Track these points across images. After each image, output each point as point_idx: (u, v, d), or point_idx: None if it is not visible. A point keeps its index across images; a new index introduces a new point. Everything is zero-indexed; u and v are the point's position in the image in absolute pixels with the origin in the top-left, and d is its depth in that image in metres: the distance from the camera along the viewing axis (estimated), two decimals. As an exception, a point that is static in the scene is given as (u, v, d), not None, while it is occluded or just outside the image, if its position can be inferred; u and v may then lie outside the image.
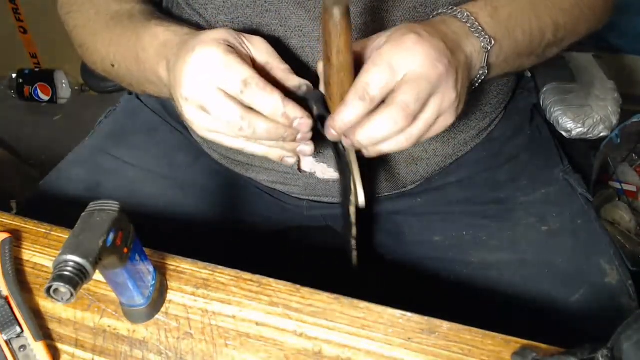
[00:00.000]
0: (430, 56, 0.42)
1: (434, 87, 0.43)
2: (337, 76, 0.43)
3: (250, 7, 0.53)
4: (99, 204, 0.38)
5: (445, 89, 0.44)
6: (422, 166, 0.62)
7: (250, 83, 0.43)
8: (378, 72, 0.42)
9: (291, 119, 0.44)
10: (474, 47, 0.48)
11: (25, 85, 1.87)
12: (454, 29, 0.48)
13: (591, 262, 0.59)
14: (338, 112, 0.44)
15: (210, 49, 0.44)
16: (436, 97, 0.44)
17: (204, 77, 0.44)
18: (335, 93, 0.45)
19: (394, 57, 0.42)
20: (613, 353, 0.34)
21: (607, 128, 0.75)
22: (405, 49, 0.42)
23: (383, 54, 0.43)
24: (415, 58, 0.42)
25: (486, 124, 0.66)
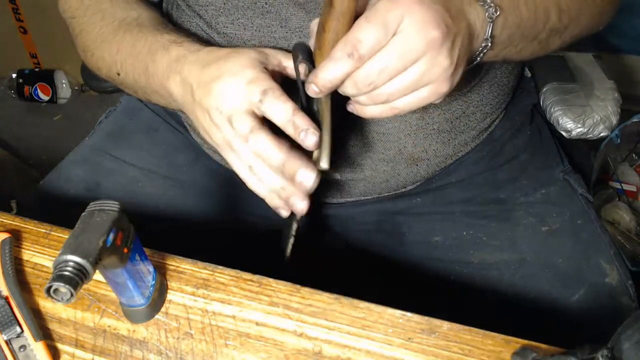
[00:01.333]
0: (425, 19, 0.40)
1: (422, 51, 0.41)
2: (336, 22, 0.41)
3: (250, 8, 0.53)
4: (99, 204, 0.38)
5: (438, 55, 0.42)
6: (422, 167, 0.62)
7: (267, 92, 0.44)
8: (370, 29, 0.40)
9: (299, 128, 0.44)
10: (478, 16, 0.46)
11: (25, 85, 1.87)
12: None
13: (591, 262, 0.59)
14: (322, 67, 0.42)
15: (246, 71, 0.45)
16: (423, 62, 0.41)
17: (238, 94, 0.45)
18: (327, 41, 0.42)
19: (388, 15, 0.40)
20: (613, 353, 0.34)
21: (607, 128, 0.75)
22: (402, 8, 0.40)
23: (378, 11, 0.40)
24: (410, 18, 0.40)
25: (486, 124, 0.66)
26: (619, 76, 0.84)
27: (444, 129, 0.60)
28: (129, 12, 0.59)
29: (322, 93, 0.44)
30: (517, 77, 0.71)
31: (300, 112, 0.45)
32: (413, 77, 0.42)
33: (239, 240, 0.66)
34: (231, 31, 0.56)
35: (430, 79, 0.43)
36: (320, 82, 0.43)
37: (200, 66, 0.48)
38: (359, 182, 0.62)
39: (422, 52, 0.41)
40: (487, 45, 0.48)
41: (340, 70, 0.41)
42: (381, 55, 0.41)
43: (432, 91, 0.44)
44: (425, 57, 0.41)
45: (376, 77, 0.42)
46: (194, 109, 0.49)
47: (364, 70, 0.42)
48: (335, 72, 0.42)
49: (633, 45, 1.47)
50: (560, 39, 0.56)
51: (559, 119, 0.75)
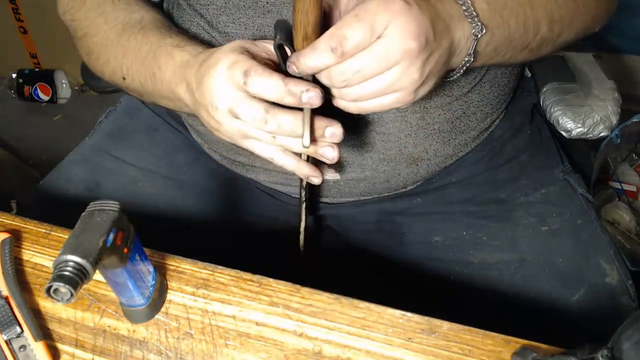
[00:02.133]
0: (407, 29, 0.41)
1: (398, 60, 0.42)
2: (302, 4, 0.41)
3: (251, 7, 0.53)
4: (99, 204, 0.38)
5: (410, 66, 0.42)
6: (422, 167, 0.62)
7: (249, 72, 0.44)
8: (358, 29, 0.41)
9: (297, 93, 0.43)
10: (464, 33, 0.47)
11: (25, 85, 1.87)
12: (447, 9, 0.46)
13: (591, 262, 0.59)
14: (304, 54, 0.42)
15: (227, 56, 0.45)
16: (396, 69, 0.42)
17: (226, 83, 0.45)
18: (299, 22, 0.43)
19: (377, 18, 0.41)
20: (613, 353, 0.34)
21: (607, 128, 0.75)
22: (390, 14, 0.41)
23: (369, 11, 0.41)
24: (395, 25, 0.41)
25: (487, 124, 0.66)
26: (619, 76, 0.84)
27: (444, 129, 0.61)
28: (131, 14, 0.59)
29: (302, 75, 0.44)
30: (518, 77, 0.71)
31: (291, 77, 0.44)
32: (384, 83, 0.43)
33: (239, 240, 0.66)
34: (232, 30, 0.56)
35: (398, 88, 0.44)
36: (301, 66, 0.43)
37: (197, 68, 0.48)
38: (359, 182, 0.62)
39: (397, 60, 0.42)
40: (470, 60, 0.50)
41: (321, 61, 0.42)
42: (361, 56, 0.42)
43: (397, 99, 0.45)
44: (399, 66, 0.42)
45: (351, 77, 0.43)
46: (199, 112, 0.49)
47: (342, 67, 0.42)
48: (316, 61, 0.42)
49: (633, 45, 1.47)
50: (552, 46, 0.57)
51: (559, 118, 0.75)
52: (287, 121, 0.45)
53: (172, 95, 0.53)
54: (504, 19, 0.50)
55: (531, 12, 0.52)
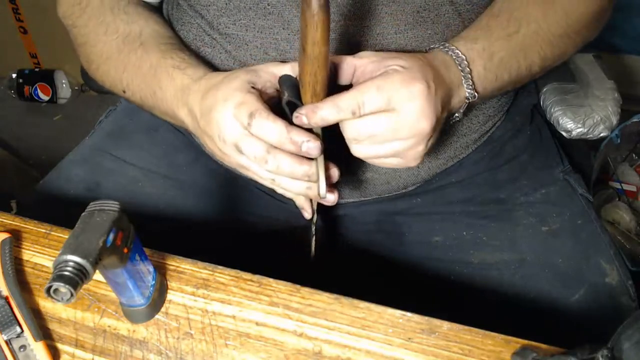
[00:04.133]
0: (424, 111, 0.44)
1: (409, 136, 0.45)
2: (310, 66, 0.44)
3: (252, 9, 0.53)
4: (99, 204, 0.38)
5: (419, 144, 0.46)
6: (423, 168, 0.62)
7: (254, 114, 0.46)
8: (378, 99, 0.44)
9: (298, 142, 0.45)
10: (459, 98, 0.51)
11: (25, 85, 1.87)
12: (452, 77, 0.50)
13: (591, 262, 0.59)
14: (321, 108, 0.45)
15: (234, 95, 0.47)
16: (405, 143, 0.46)
17: (233, 120, 0.47)
18: (306, 81, 0.45)
19: (396, 95, 0.44)
20: (613, 353, 0.34)
21: (607, 128, 0.75)
22: (409, 94, 0.44)
23: (391, 86, 0.44)
24: (413, 104, 0.44)
25: (488, 126, 0.66)
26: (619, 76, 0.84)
27: (446, 132, 0.61)
28: (131, 26, 0.59)
29: (310, 126, 0.46)
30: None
31: (294, 126, 0.46)
32: (391, 150, 0.46)
33: (239, 240, 0.66)
34: (233, 32, 0.56)
35: (403, 156, 0.47)
36: (315, 118, 0.45)
37: (201, 95, 0.50)
38: (360, 184, 0.62)
39: (408, 136, 0.45)
40: (459, 117, 0.54)
41: (338, 117, 0.45)
42: (376, 122, 0.45)
43: (400, 163, 0.48)
44: (409, 141, 0.46)
45: (363, 138, 0.46)
46: (203, 137, 0.51)
47: (356, 125, 0.45)
48: (333, 117, 0.45)
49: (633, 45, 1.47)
50: (542, 73, 0.59)
51: (559, 119, 0.75)
52: (286, 163, 0.46)
53: (173, 115, 0.55)
54: (498, 77, 0.54)
55: (524, 61, 0.55)
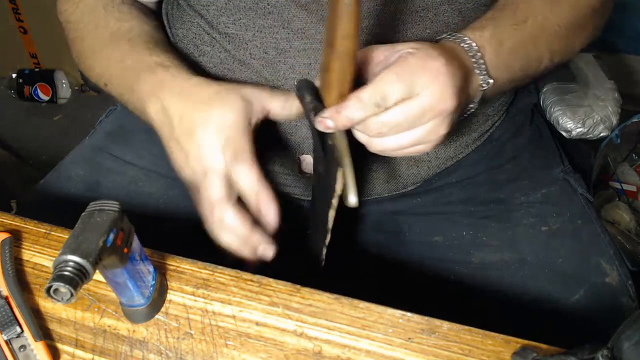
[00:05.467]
0: (446, 90, 0.43)
1: (431, 118, 0.44)
2: (338, 63, 0.41)
3: (252, 9, 0.53)
4: (99, 204, 0.38)
5: (440, 125, 0.45)
6: (423, 168, 0.62)
7: (238, 157, 0.47)
8: (400, 87, 0.42)
9: (261, 202, 0.47)
10: (474, 85, 0.49)
11: (25, 85, 1.87)
12: (466, 63, 0.48)
13: (591, 262, 0.59)
14: (346, 107, 0.43)
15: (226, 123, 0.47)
16: (427, 126, 0.45)
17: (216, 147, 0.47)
18: (333, 80, 0.43)
19: (417, 78, 0.42)
20: (613, 353, 0.34)
21: (607, 128, 0.76)
22: (429, 75, 0.43)
23: (410, 70, 0.43)
24: (434, 86, 0.43)
25: (488, 126, 0.66)
26: (619, 76, 0.84)
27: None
28: (122, 23, 0.58)
29: (336, 129, 0.44)
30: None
31: (264, 187, 0.48)
32: (414, 138, 0.45)
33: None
34: (233, 31, 0.56)
35: (425, 141, 0.46)
36: (341, 119, 0.43)
37: (184, 100, 0.49)
38: (359, 183, 0.62)
39: (431, 118, 0.44)
40: (474, 107, 0.52)
41: (363, 113, 0.43)
42: (399, 112, 0.43)
43: (419, 150, 0.47)
44: (430, 124, 0.44)
45: (387, 130, 0.44)
46: (169, 142, 0.51)
47: (380, 119, 0.44)
48: (358, 113, 0.43)
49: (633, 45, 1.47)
50: (551, 68, 0.58)
51: (559, 119, 0.75)
52: (228, 218, 0.48)
53: (142, 110, 0.53)
54: (509, 65, 0.52)
55: (534, 51, 0.53)
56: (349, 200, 0.43)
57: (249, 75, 0.57)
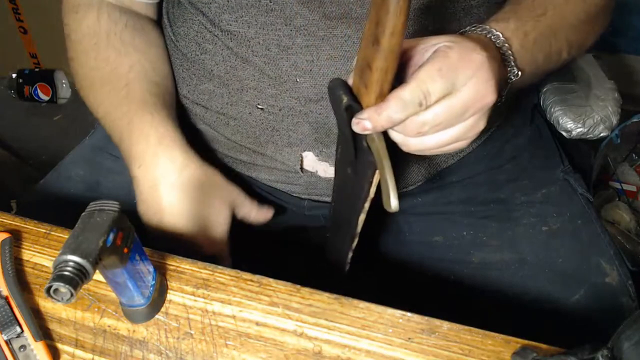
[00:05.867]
0: (487, 85, 0.42)
1: (472, 114, 0.42)
2: (383, 61, 0.39)
3: (254, 6, 0.53)
4: (99, 204, 0.38)
5: (480, 119, 0.43)
6: (424, 167, 0.62)
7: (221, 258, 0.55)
8: (443, 83, 0.40)
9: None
10: (502, 78, 0.47)
11: (25, 85, 1.87)
12: (495, 55, 0.46)
13: (591, 262, 0.59)
14: (386, 107, 0.40)
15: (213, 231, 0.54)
16: (468, 122, 0.43)
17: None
18: (375, 79, 0.40)
19: (459, 74, 0.40)
20: (613, 353, 0.34)
21: (607, 128, 0.75)
22: (471, 69, 0.41)
23: (451, 66, 0.40)
24: (476, 81, 0.41)
25: (489, 125, 0.66)
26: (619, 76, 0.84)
27: None
28: (122, 59, 0.58)
29: (374, 131, 0.42)
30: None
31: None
32: (454, 135, 0.43)
33: (239, 240, 0.66)
34: (235, 29, 0.55)
35: (464, 138, 0.44)
36: (381, 120, 0.40)
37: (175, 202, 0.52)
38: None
39: (473, 114, 0.42)
40: (501, 100, 0.49)
41: (405, 113, 0.40)
42: (442, 110, 0.41)
43: (456, 147, 0.45)
44: (471, 119, 0.43)
45: (428, 129, 0.42)
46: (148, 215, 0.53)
47: (421, 119, 0.41)
48: (400, 113, 0.40)
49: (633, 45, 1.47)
50: (567, 62, 0.58)
51: (559, 118, 0.75)
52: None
53: (127, 162, 0.55)
54: (534, 57, 0.51)
55: (555, 43, 0.53)
56: (391, 204, 0.41)
57: (251, 72, 0.57)
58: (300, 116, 0.57)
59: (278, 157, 0.60)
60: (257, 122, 0.58)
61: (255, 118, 0.58)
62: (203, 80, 0.60)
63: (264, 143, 0.60)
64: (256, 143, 0.60)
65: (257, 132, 0.59)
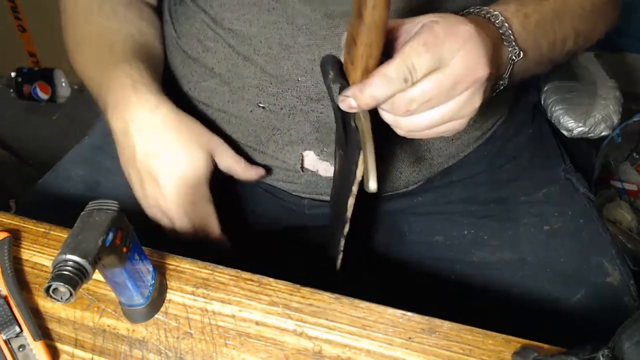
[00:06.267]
0: (478, 57, 0.40)
1: (465, 88, 0.40)
2: (367, 35, 0.38)
3: (256, 4, 0.53)
4: (98, 203, 0.38)
5: (474, 95, 0.41)
6: (424, 166, 0.62)
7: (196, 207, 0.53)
8: (429, 57, 0.38)
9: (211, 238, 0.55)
10: (503, 57, 0.46)
11: (24, 84, 1.86)
12: (494, 32, 0.45)
13: (593, 262, 0.58)
14: (370, 84, 0.39)
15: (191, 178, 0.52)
16: (461, 98, 0.41)
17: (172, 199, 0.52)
18: (359, 54, 0.39)
19: (445, 47, 0.39)
20: (614, 353, 0.34)
21: (608, 127, 0.75)
22: (458, 41, 0.39)
23: (437, 39, 0.38)
24: (464, 53, 0.39)
25: (490, 125, 0.66)
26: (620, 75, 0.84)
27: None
28: (111, 23, 0.60)
29: (359, 109, 0.41)
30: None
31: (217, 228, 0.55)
32: (447, 112, 0.41)
33: (239, 239, 0.66)
34: (237, 27, 0.55)
35: (458, 116, 0.42)
36: (365, 98, 0.39)
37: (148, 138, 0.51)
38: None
39: (464, 89, 0.40)
40: (504, 84, 0.49)
41: (390, 90, 0.39)
42: (430, 84, 0.39)
43: (452, 127, 0.43)
44: (464, 95, 0.41)
45: (417, 106, 0.40)
46: (127, 167, 0.54)
47: (408, 95, 0.40)
48: (384, 90, 0.39)
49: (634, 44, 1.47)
50: (573, 55, 0.57)
51: (560, 118, 0.75)
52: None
53: (106, 117, 0.55)
54: (537, 40, 0.50)
55: (559, 29, 0.52)
56: (369, 185, 0.40)
57: (252, 70, 0.56)
58: (301, 115, 0.56)
59: (279, 155, 0.60)
60: (258, 120, 0.58)
61: (256, 116, 0.58)
62: (204, 77, 0.60)
63: (265, 142, 0.59)
64: (257, 141, 0.60)
65: (258, 130, 0.59)
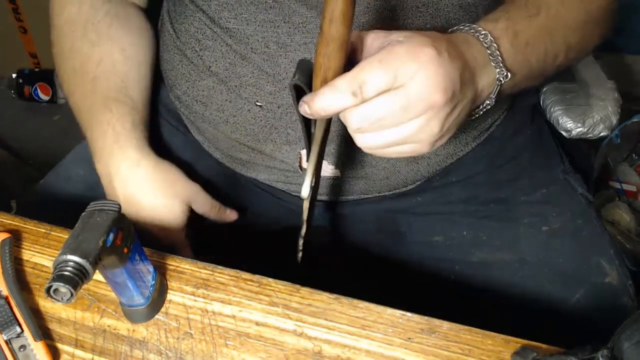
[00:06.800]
0: (434, 81, 0.39)
1: (420, 113, 0.40)
2: (325, 48, 0.38)
3: (254, 3, 0.54)
4: (99, 203, 0.38)
5: (431, 121, 0.40)
6: (422, 165, 0.62)
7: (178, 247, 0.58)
8: (381, 75, 0.38)
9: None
10: (489, 79, 0.46)
11: (25, 85, 1.86)
12: (474, 54, 0.45)
13: (591, 262, 0.59)
14: (320, 94, 0.39)
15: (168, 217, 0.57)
16: (416, 122, 0.40)
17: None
18: (319, 65, 0.40)
19: (403, 67, 0.38)
20: (613, 353, 0.34)
21: (607, 128, 0.75)
22: (417, 63, 0.38)
23: (395, 58, 0.38)
24: (422, 75, 0.39)
25: (488, 124, 0.66)
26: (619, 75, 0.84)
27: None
28: (94, 49, 0.61)
29: (313, 117, 0.41)
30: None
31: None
32: (401, 135, 0.41)
33: (239, 240, 0.66)
34: (234, 26, 0.56)
35: (415, 140, 0.42)
36: (315, 106, 0.40)
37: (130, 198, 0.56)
38: (359, 180, 0.62)
39: (419, 113, 0.40)
40: (491, 103, 0.48)
41: (338, 103, 0.39)
42: (381, 104, 0.39)
43: (411, 149, 0.43)
44: (420, 119, 0.40)
45: (368, 125, 0.40)
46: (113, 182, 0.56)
47: (360, 112, 0.40)
48: (332, 103, 0.39)
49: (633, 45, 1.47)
50: (566, 65, 0.57)
51: (559, 118, 0.75)
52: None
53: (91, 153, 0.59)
54: (526, 58, 0.49)
55: (551, 45, 0.51)
56: (301, 190, 0.41)
57: (250, 69, 0.57)
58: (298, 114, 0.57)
59: (277, 155, 0.60)
60: (256, 119, 0.58)
61: (254, 115, 0.58)
62: (202, 76, 0.60)
63: (263, 141, 0.60)
64: (255, 141, 0.60)
65: (256, 129, 0.59)
